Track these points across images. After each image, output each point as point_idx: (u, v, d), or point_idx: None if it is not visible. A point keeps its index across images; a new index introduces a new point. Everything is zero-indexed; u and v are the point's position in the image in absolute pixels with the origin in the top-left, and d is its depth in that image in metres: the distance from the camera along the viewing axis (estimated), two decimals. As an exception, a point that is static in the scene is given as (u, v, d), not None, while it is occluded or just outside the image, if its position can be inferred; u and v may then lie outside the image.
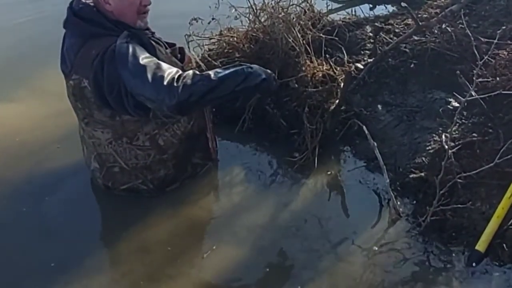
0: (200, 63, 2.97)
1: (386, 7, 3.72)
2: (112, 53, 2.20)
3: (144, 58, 2.18)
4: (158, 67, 2.16)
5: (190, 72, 2.18)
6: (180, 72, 2.18)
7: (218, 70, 2.24)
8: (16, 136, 2.95)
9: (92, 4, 2.32)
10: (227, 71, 2.21)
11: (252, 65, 2.30)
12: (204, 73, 2.21)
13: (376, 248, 2.25)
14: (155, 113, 2.35)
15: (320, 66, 2.87)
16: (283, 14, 2.88)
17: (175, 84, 2.11)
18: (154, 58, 2.22)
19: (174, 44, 2.52)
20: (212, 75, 2.17)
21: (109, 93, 2.25)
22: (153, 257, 2.28)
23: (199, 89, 2.13)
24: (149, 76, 2.12)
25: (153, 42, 2.33)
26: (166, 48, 2.43)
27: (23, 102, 3.23)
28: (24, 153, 2.82)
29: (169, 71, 2.15)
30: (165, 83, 2.10)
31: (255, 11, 2.96)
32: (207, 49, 3.13)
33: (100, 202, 2.60)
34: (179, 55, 2.50)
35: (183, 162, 2.55)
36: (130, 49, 2.19)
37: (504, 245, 2.12)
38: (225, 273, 2.22)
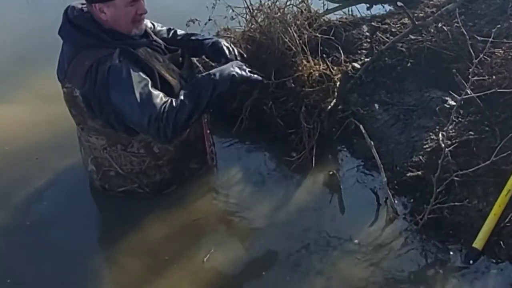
0: (198, 64, 2.98)
1: (383, 7, 3.72)
2: (106, 77, 2.19)
3: (136, 87, 2.18)
4: (148, 101, 2.16)
5: (168, 105, 2.18)
6: (162, 108, 2.17)
7: (186, 90, 2.26)
8: (10, 138, 2.95)
9: (87, 11, 2.29)
10: (195, 90, 2.25)
11: (218, 70, 2.31)
12: (178, 100, 2.21)
13: (374, 247, 2.26)
14: None
15: (317, 66, 2.87)
16: (279, 14, 2.88)
17: (161, 125, 2.16)
18: (146, 84, 2.20)
19: (176, 50, 2.49)
20: (187, 101, 2.20)
21: (99, 113, 2.28)
22: (151, 259, 2.28)
23: (182, 117, 2.18)
24: (139, 112, 2.17)
25: (147, 54, 2.31)
26: (165, 54, 2.41)
27: (19, 105, 3.22)
28: (17, 157, 2.82)
29: (155, 109, 2.16)
30: (152, 126, 2.16)
31: (251, 11, 2.96)
32: (204, 50, 3.13)
33: (98, 204, 2.61)
34: (180, 59, 2.47)
35: (179, 167, 2.54)
36: (124, 75, 2.19)
37: (501, 242, 2.13)
38: (223, 275, 2.23)
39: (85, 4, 2.31)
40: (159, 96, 2.20)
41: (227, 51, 2.52)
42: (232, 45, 2.59)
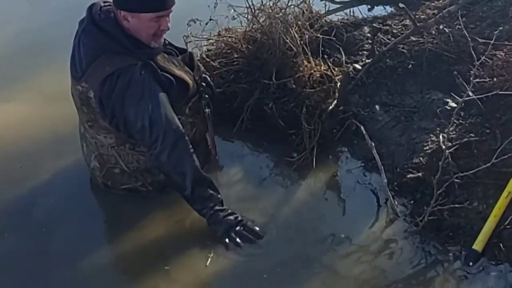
0: (200, 64, 2.98)
1: (384, 8, 3.73)
2: (125, 88, 2.23)
3: (151, 106, 2.24)
4: (158, 123, 2.25)
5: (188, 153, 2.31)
6: (176, 139, 2.28)
7: (202, 185, 2.33)
8: (10, 137, 2.95)
9: (111, 12, 2.28)
10: (202, 195, 2.32)
11: (228, 217, 2.33)
12: (191, 175, 2.30)
13: (374, 248, 2.26)
14: None
15: (318, 67, 2.88)
16: (281, 14, 2.89)
17: (165, 155, 2.28)
18: (161, 105, 2.26)
19: (185, 50, 2.53)
20: (189, 185, 2.30)
21: (110, 119, 2.31)
22: (152, 259, 2.28)
23: (174, 176, 2.32)
24: (148, 131, 2.25)
25: (165, 60, 2.34)
26: (177, 56, 2.44)
27: (20, 104, 3.21)
28: (16, 158, 2.81)
29: (162, 131, 2.25)
30: (155, 148, 2.27)
31: (253, 11, 2.96)
32: (206, 50, 3.14)
33: (99, 201, 2.61)
34: (187, 61, 2.50)
35: None
36: (142, 91, 2.24)
37: (501, 244, 2.13)
38: (223, 274, 2.23)
39: (108, 2, 2.31)
40: (171, 120, 2.28)
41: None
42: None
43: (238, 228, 2.32)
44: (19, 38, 3.78)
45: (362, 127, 2.60)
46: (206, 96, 2.56)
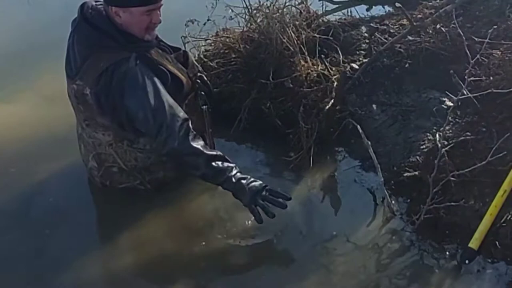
0: (197, 64, 2.99)
1: (383, 7, 3.74)
2: (122, 80, 2.23)
3: (150, 94, 2.24)
4: (161, 109, 2.24)
5: (196, 143, 2.27)
6: (181, 125, 2.26)
7: (217, 157, 2.30)
8: (8, 138, 2.95)
9: (102, 9, 2.30)
10: (220, 167, 2.29)
11: (252, 184, 2.27)
12: (203, 147, 2.30)
13: (370, 246, 2.27)
14: None
15: (315, 66, 2.88)
16: (278, 14, 2.90)
17: (173, 139, 2.24)
18: (160, 92, 2.26)
19: (179, 49, 2.55)
20: (204, 162, 2.26)
21: (110, 114, 2.31)
22: (150, 257, 2.29)
23: (187, 151, 2.27)
24: (151, 118, 2.24)
25: (159, 55, 2.35)
26: (171, 54, 2.45)
27: (18, 104, 3.22)
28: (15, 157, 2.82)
29: (166, 117, 2.24)
30: (162, 133, 2.24)
31: (250, 11, 2.97)
32: (204, 50, 3.15)
33: (97, 201, 2.61)
34: (182, 59, 2.51)
35: None
36: (139, 80, 2.24)
37: (497, 242, 2.14)
38: (221, 273, 2.24)
39: (99, 2, 2.32)
40: (173, 106, 2.27)
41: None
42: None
43: (264, 193, 2.26)
44: (17, 38, 3.79)
45: (358, 126, 2.61)
46: (203, 93, 2.56)
